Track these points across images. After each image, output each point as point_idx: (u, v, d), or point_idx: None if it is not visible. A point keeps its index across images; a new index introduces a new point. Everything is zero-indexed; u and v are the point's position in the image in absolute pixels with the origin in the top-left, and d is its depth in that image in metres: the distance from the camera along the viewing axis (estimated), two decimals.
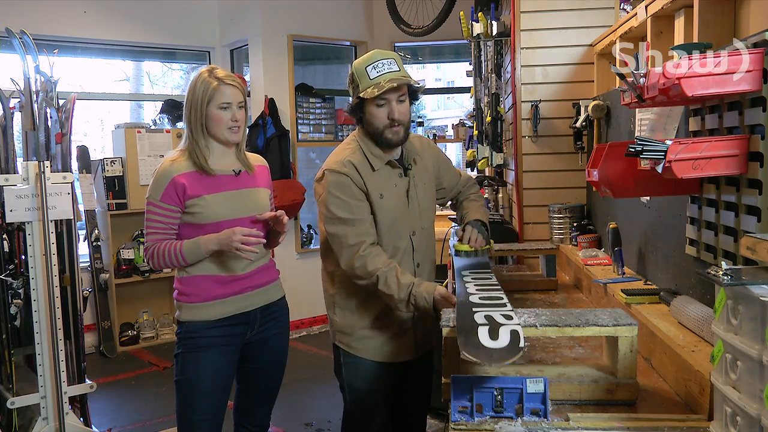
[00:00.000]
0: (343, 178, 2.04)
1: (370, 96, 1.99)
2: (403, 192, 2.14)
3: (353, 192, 2.05)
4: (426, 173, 2.23)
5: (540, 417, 1.40)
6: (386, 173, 2.12)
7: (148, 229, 2.12)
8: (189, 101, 2.11)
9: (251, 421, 2.36)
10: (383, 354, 2.18)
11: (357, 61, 2.07)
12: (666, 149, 1.40)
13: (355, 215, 2.04)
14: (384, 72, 2.00)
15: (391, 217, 2.11)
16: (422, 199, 2.19)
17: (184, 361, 2.16)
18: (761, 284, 1.05)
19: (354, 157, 2.08)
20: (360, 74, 2.03)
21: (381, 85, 1.97)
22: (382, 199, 2.09)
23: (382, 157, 2.11)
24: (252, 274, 2.20)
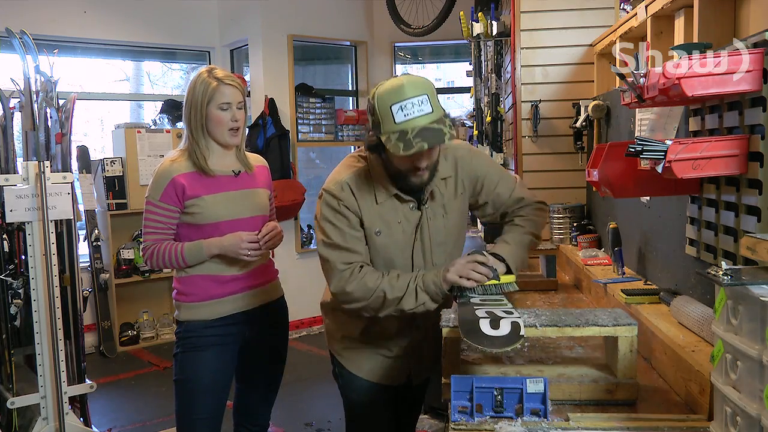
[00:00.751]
0: (336, 203, 1.82)
1: (394, 152, 1.65)
2: (410, 229, 1.86)
3: (348, 220, 1.81)
4: (453, 200, 1.91)
5: (540, 417, 1.40)
6: (390, 207, 1.84)
7: (147, 228, 2.12)
8: (188, 102, 2.10)
9: (251, 420, 2.36)
10: (372, 373, 2.01)
11: (382, 93, 1.67)
12: (666, 149, 1.39)
13: (347, 244, 1.81)
14: (413, 116, 1.63)
15: (387, 257, 1.86)
16: (437, 233, 1.89)
17: (183, 361, 2.16)
18: (761, 284, 1.05)
19: (356, 181, 1.83)
20: (383, 113, 1.66)
21: (408, 139, 1.61)
22: (378, 235, 1.84)
23: (390, 189, 1.82)
24: (251, 273, 2.20)
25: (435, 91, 1.70)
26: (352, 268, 1.80)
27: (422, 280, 1.76)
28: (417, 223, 1.86)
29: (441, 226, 1.89)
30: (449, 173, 1.89)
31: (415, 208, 1.86)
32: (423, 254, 1.89)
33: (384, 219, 1.84)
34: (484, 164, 1.96)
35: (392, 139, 1.64)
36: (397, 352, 2.00)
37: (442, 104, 1.72)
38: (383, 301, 1.77)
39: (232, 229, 2.13)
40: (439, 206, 1.88)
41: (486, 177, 1.94)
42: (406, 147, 1.62)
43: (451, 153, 1.90)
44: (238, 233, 2.11)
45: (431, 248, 1.89)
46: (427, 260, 1.89)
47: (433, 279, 1.76)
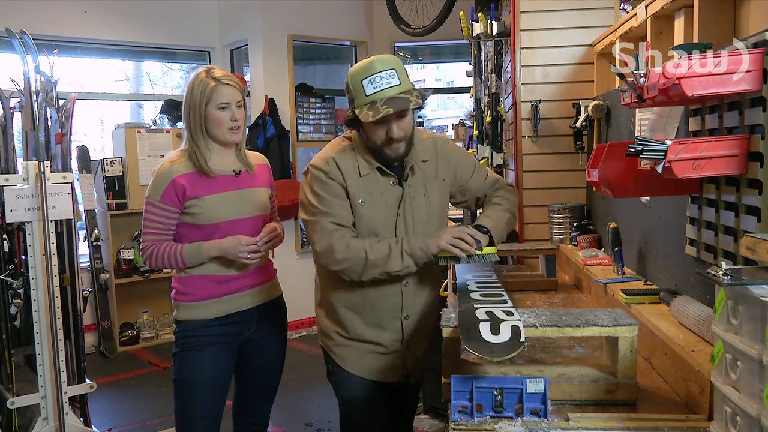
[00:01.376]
0: (322, 175, 1.91)
1: (365, 120, 1.79)
2: (392, 202, 1.95)
3: (334, 190, 1.91)
4: (434, 181, 2.01)
5: (540, 417, 1.41)
6: (374, 179, 1.94)
7: (146, 228, 2.12)
8: (187, 103, 2.10)
9: (250, 420, 2.36)
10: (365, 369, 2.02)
11: (353, 70, 1.84)
12: (666, 149, 1.40)
13: (334, 210, 1.90)
14: (382, 88, 1.78)
15: (371, 227, 1.92)
16: (419, 211, 1.97)
17: (182, 360, 2.16)
18: (761, 284, 1.05)
19: (340, 156, 1.94)
20: (355, 87, 1.82)
21: (377, 107, 1.77)
22: (362, 205, 1.92)
23: (372, 162, 1.93)
24: (249, 273, 2.20)
25: (403, 67, 1.85)
26: (339, 229, 1.89)
27: (408, 245, 1.85)
28: (399, 198, 1.95)
29: (422, 205, 1.98)
30: (428, 157, 2.02)
31: (396, 184, 1.96)
32: (406, 229, 1.96)
33: (368, 190, 1.93)
34: (461, 154, 2.13)
35: (363, 110, 1.79)
36: (390, 347, 2.02)
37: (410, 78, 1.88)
38: (365, 262, 1.84)
39: (233, 229, 2.13)
40: (419, 185, 1.98)
41: (464, 165, 2.09)
42: (375, 114, 1.77)
43: (431, 141, 2.06)
44: (238, 236, 2.11)
45: (414, 225, 1.96)
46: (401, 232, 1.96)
47: (419, 245, 1.85)
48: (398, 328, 2.01)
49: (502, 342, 1.43)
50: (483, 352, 1.40)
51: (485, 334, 1.45)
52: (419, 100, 1.81)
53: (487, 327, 1.47)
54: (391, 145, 1.86)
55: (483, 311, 1.57)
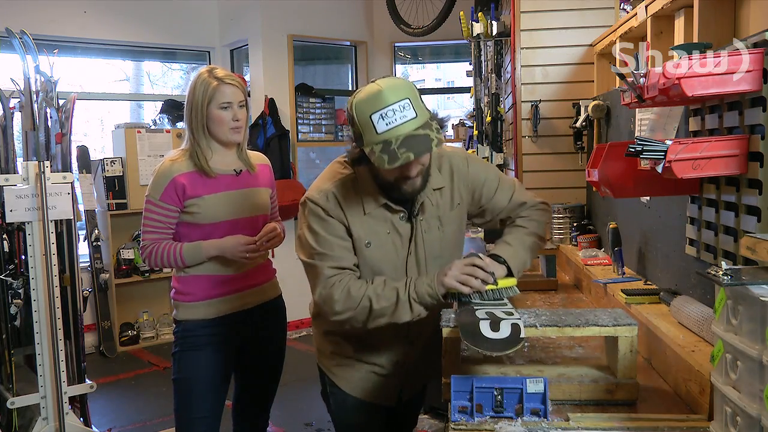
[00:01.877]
0: (321, 212, 1.69)
1: (379, 166, 1.54)
2: (399, 243, 1.74)
3: (334, 229, 1.69)
4: (449, 211, 1.79)
5: (540, 417, 1.40)
6: (380, 217, 1.72)
7: (146, 227, 2.13)
8: (189, 102, 2.10)
9: (250, 420, 2.36)
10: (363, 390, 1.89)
11: (359, 101, 1.55)
12: (666, 149, 1.40)
13: (335, 252, 1.69)
14: (396, 124, 1.51)
15: (377, 271, 1.73)
16: (432, 246, 1.77)
17: (181, 360, 2.17)
18: (761, 284, 1.05)
19: (341, 191, 1.70)
20: (363, 123, 1.54)
21: (393, 150, 1.50)
22: (368, 247, 1.71)
23: (378, 199, 1.70)
24: (249, 273, 2.21)
25: (417, 93, 1.58)
26: (339, 274, 1.68)
27: (416, 291, 1.63)
28: (410, 235, 1.75)
29: (436, 239, 1.78)
30: (443, 183, 1.77)
31: (405, 219, 1.74)
32: (417, 268, 1.77)
33: (373, 230, 1.71)
34: (482, 170, 1.84)
35: (376, 152, 1.52)
36: (390, 370, 1.88)
37: (426, 106, 1.62)
38: (369, 311, 1.64)
39: (233, 229, 2.13)
40: (433, 218, 1.76)
41: (484, 184, 1.82)
42: (391, 159, 1.50)
43: (446, 162, 1.79)
44: (237, 236, 2.11)
45: (426, 262, 1.77)
46: (422, 274, 1.76)
47: (427, 290, 1.62)
48: (401, 351, 1.86)
49: (502, 338, 1.43)
50: (483, 347, 1.40)
51: (485, 331, 1.45)
52: (440, 134, 1.57)
53: (487, 325, 1.47)
54: (408, 182, 1.64)
55: (483, 311, 1.57)
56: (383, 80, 1.57)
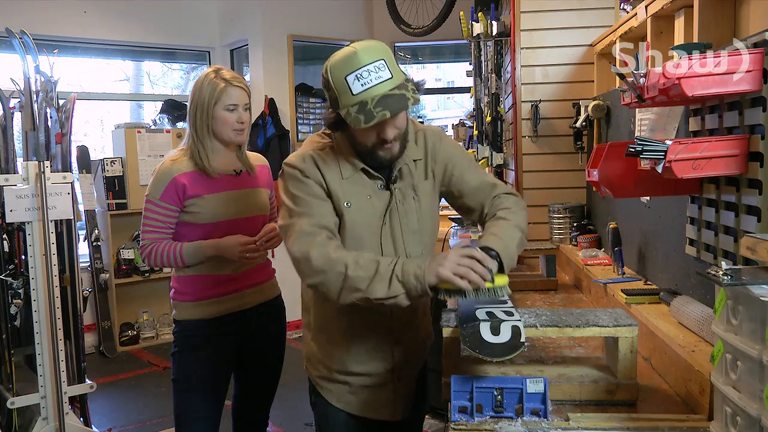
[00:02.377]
0: (298, 174, 1.64)
1: (355, 126, 1.50)
2: (379, 209, 1.67)
3: (312, 189, 1.63)
4: (423, 182, 1.73)
5: (540, 417, 1.40)
6: (359, 181, 1.66)
7: (146, 227, 2.12)
8: (194, 102, 2.10)
9: (250, 420, 2.36)
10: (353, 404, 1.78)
11: (333, 64, 1.53)
12: (666, 149, 1.40)
13: (314, 210, 1.61)
14: (371, 84, 1.48)
15: (356, 234, 1.65)
16: (409, 218, 1.70)
17: (181, 360, 2.17)
18: (761, 284, 1.05)
19: (319, 155, 1.66)
20: (338, 85, 1.51)
21: (369, 109, 1.47)
22: (349, 208, 1.64)
23: (356, 164, 1.65)
24: (248, 273, 2.21)
25: (392, 55, 1.55)
26: (319, 232, 1.58)
27: (401, 269, 1.49)
28: (386, 204, 1.67)
29: (413, 210, 1.70)
30: (419, 156, 1.73)
31: (384, 188, 1.67)
32: (393, 241, 1.68)
33: (353, 192, 1.65)
34: (453, 148, 1.79)
35: (352, 113, 1.49)
36: (379, 380, 1.76)
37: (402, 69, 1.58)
38: (343, 278, 1.51)
39: (232, 229, 2.13)
40: (408, 187, 1.70)
41: (455, 161, 1.76)
42: (368, 118, 1.47)
43: (421, 136, 1.75)
44: (237, 236, 2.11)
45: (402, 235, 1.68)
46: (399, 249, 1.68)
47: (415, 271, 1.48)
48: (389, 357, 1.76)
49: (502, 342, 1.43)
50: (483, 352, 1.40)
51: (485, 335, 1.45)
52: (416, 94, 1.52)
53: (487, 327, 1.47)
54: (384, 147, 1.60)
55: (483, 311, 1.57)
56: (358, 42, 1.55)
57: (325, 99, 1.62)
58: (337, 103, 1.54)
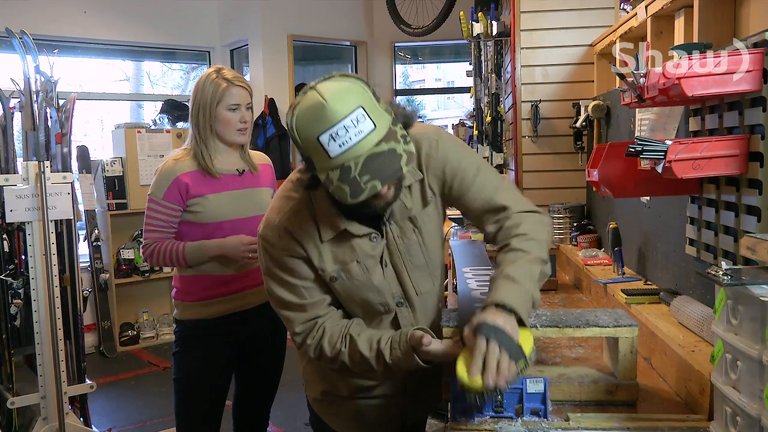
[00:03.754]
0: (277, 254, 1.43)
1: (342, 200, 1.23)
2: (373, 261, 1.45)
3: (296, 270, 1.44)
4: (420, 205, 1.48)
5: (540, 417, 1.40)
6: (343, 241, 1.43)
7: (148, 226, 2.12)
8: (196, 102, 2.10)
9: (250, 420, 2.36)
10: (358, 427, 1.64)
11: (299, 121, 1.22)
12: (666, 149, 1.40)
13: (302, 300, 1.46)
14: (352, 144, 1.19)
15: (357, 298, 1.48)
16: (411, 252, 1.49)
17: (182, 360, 2.17)
18: (761, 284, 1.05)
19: (292, 223, 1.41)
20: (310, 147, 1.22)
21: (354, 179, 1.19)
22: (335, 283, 1.45)
23: (336, 223, 1.40)
24: (249, 273, 2.20)
25: (370, 93, 1.25)
26: (310, 328, 1.47)
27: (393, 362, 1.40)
28: (380, 253, 1.46)
29: (415, 244, 1.48)
30: (411, 179, 1.45)
31: (379, 238, 1.45)
32: (401, 283, 1.49)
33: (337, 260, 1.44)
34: (455, 154, 1.47)
35: (333, 180, 1.21)
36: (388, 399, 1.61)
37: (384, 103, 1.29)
38: (347, 368, 1.47)
39: (235, 228, 2.13)
40: (404, 220, 1.47)
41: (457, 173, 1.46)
42: (354, 192, 1.19)
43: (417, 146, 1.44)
44: (240, 236, 2.11)
45: (409, 275, 1.49)
46: (408, 289, 1.50)
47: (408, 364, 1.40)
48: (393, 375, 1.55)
49: None
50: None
51: None
52: (408, 144, 1.25)
53: None
54: (379, 204, 1.36)
55: None
56: (324, 85, 1.23)
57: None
58: (312, 164, 1.25)
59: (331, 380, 1.62)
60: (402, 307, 1.51)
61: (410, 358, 1.39)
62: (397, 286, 1.50)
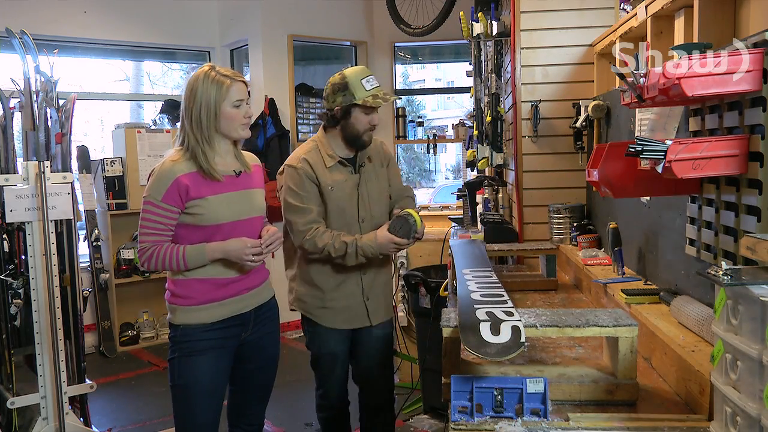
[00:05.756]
0: (297, 172, 2.41)
1: (372, 104, 2.36)
2: (352, 186, 2.48)
3: (305, 185, 2.41)
4: (380, 168, 2.59)
5: (540, 417, 1.41)
6: (337, 169, 2.47)
7: (145, 228, 2.09)
8: (197, 102, 2.07)
9: (246, 420, 2.35)
10: (336, 321, 2.51)
11: (351, 73, 2.40)
12: (666, 149, 1.40)
13: (304, 204, 2.40)
14: (376, 86, 2.40)
15: (340, 206, 2.45)
16: (372, 191, 2.53)
17: (181, 366, 2.14)
18: (761, 284, 1.05)
19: (310, 155, 2.45)
20: (356, 85, 2.37)
21: (377, 97, 2.38)
22: (332, 191, 2.44)
23: (334, 157, 2.47)
24: (247, 275, 2.19)
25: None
26: (309, 228, 2.38)
27: (362, 249, 2.37)
28: (357, 182, 2.49)
29: (374, 186, 2.54)
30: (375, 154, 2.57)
31: (353, 172, 2.50)
32: (365, 206, 2.50)
33: (334, 179, 2.45)
34: (392, 158, 2.70)
35: (369, 99, 2.36)
36: (352, 288, 2.51)
37: None
38: (329, 256, 2.38)
39: (234, 230, 2.12)
40: (371, 172, 2.54)
41: (391, 163, 2.65)
42: (383, 99, 2.39)
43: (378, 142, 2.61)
44: (243, 239, 2.10)
45: (369, 203, 2.51)
46: (367, 210, 2.50)
47: (371, 248, 2.37)
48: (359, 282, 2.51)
49: (502, 342, 1.43)
50: (483, 353, 1.40)
51: (485, 335, 1.45)
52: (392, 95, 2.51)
53: (487, 327, 1.47)
54: (369, 132, 2.44)
55: (483, 311, 1.57)
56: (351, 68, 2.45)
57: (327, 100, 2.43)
58: (353, 96, 2.36)
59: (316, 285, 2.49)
60: (363, 223, 2.49)
61: (373, 237, 2.39)
62: (365, 210, 2.50)
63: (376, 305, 2.58)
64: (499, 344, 1.42)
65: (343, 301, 2.50)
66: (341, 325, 2.52)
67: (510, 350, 1.40)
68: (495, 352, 1.40)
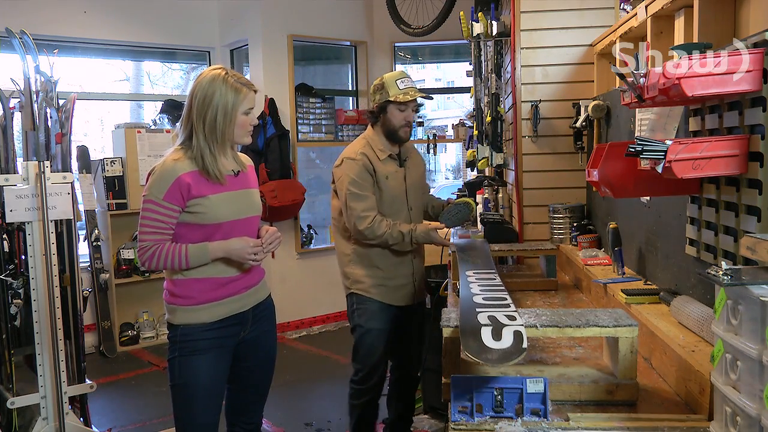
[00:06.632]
0: (358, 164, 2.75)
1: (402, 100, 2.71)
2: (401, 177, 2.84)
3: (364, 175, 2.74)
4: (417, 167, 2.96)
5: (540, 417, 1.40)
6: (388, 163, 2.82)
7: (145, 227, 2.08)
8: (213, 105, 2.07)
9: (244, 419, 2.36)
10: (391, 298, 2.84)
11: (388, 75, 2.80)
12: (666, 149, 1.40)
13: (364, 192, 2.73)
14: (409, 85, 2.75)
15: (393, 195, 2.80)
16: (415, 183, 2.91)
17: (181, 366, 2.14)
18: (761, 284, 1.05)
19: (366, 149, 2.79)
20: (390, 84, 2.74)
21: (410, 94, 2.72)
22: (387, 180, 2.79)
23: (385, 152, 2.81)
24: (246, 274, 2.20)
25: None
26: (370, 215, 2.71)
27: (416, 236, 2.74)
28: (403, 174, 2.86)
29: (416, 176, 2.92)
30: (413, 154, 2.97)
31: (399, 166, 2.86)
32: (411, 193, 2.87)
33: (388, 170, 2.80)
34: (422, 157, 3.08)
35: (400, 96, 2.71)
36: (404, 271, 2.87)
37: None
38: (386, 243, 2.74)
39: (233, 229, 2.12)
40: (412, 165, 2.92)
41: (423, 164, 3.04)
42: (413, 95, 2.72)
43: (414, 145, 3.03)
44: (245, 238, 2.10)
45: (414, 194, 2.89)
46: (413, 200, 2.88)
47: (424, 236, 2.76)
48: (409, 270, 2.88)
49: (503, 348, 1.41)
50: (484, 359, 1.38)
51: (486, 340, 1.43)
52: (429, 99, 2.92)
53: (488, 332, 1.45)
54: (405, 129, 2.77)
55: (485, 315, 1.56)
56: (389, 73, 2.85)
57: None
58: (389, 93, 2.73)
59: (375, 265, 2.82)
60: (411, 211, 2.87)
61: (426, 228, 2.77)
62: (411, 197, 2.88)
63: (420, 286, 2.96)
64: (500, 350, 1.40)
65: (400, 279, 2.86)
66: (396, 302, 2.85)
67: (511, 356, 1.38)
68: (496, 358, 1.38)
